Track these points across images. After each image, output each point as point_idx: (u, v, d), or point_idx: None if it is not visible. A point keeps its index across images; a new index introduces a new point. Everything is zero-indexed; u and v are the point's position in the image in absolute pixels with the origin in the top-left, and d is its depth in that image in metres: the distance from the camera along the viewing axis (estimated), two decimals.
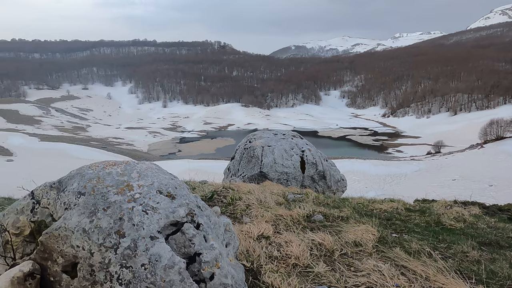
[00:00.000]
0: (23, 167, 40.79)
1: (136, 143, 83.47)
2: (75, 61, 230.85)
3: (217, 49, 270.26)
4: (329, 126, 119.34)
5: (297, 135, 10.87)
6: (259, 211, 4.15)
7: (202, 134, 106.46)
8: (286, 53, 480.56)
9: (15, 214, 2.24)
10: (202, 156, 65.94)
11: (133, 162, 2.31)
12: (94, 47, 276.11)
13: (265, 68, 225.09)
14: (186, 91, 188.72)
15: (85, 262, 1.83)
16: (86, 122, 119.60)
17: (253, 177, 9.36)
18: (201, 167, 41.26)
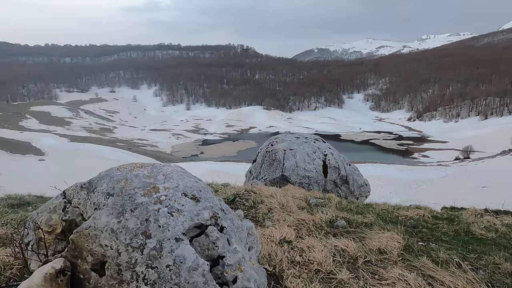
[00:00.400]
0: (54, 167, 42.57)
1: (160, 144, 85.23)
2: (103, 65, 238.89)
3: (240, 53, 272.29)
4: (352, 129, 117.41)
5: (320, 139, 10.76)
6: (281, 215, 4.14)
7: (224, 137, 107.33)
8: (309, 56, 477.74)
9: (48, 212, 2.34)
10: (224, 158, 66.46)
11: (159, 164, 2.36)
12: (122, 51, 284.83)
13: (288, 71, 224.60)
14: (209, 94, 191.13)
15: (113, 261, 1.89)
16: (112, 124, 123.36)
17: (274, 180, 9.34)
18: (223, 169, 41.57)
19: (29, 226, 2.46)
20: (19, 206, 4.98)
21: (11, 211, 4.54)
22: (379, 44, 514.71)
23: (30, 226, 2.44)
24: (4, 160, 43.99)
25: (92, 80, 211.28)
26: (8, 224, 3.86)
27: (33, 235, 2.37)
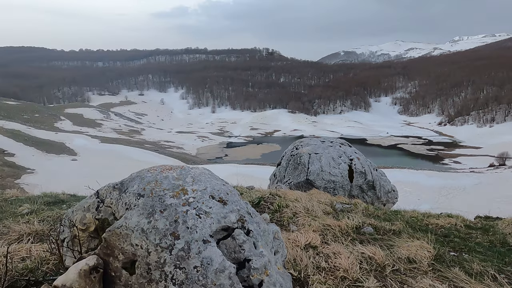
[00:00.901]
0: (85, 166, 44.35)
1: (185, 146, 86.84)
2: (133, 69, 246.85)
3: (265, 56, 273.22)
4: (379, 134, 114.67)
5: (345, 143, 10.58)
6: (306, 219, 4.10)
7: (248, 140, 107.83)
8: (335, 59, 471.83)
9: (82, 211, 2.44)
10: (248, 161, 66.75)
11: (188, 167, 2.41)
12: (150, 55, 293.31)
13: (313, 74, 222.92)
14: (234, 97, 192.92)
15: (143, 261, 1.95)
16: (141, 126, 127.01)
17: (299, 184, 9.27)
18: (247, 172, 41.77)
19: (64, 224, 2.57)
20: (54, 204, 5.22)
21: (47, 209, 4.77)
22: (408, 46, 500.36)
23: (65, 224, 2.56)
24: (40, 159, 46.31)
25: (122, 83, 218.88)
26: (45, 221, 4.06)
27: (68, 232, 2.48)
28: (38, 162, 44.75)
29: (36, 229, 3.66)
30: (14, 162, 43.10)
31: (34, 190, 20.12)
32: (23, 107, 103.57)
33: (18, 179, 37.50)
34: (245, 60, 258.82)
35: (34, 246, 3.06)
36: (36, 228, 3.68)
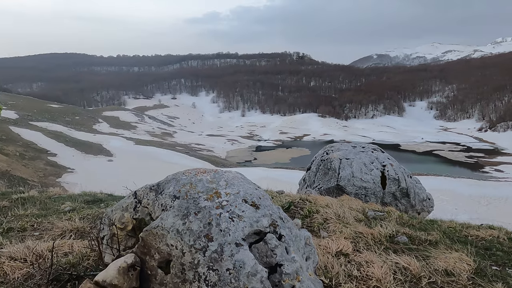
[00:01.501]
0: (120, 167, 46.15)
1: (215, 149, 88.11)
2: (166, 73, 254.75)
3: (295, 60, 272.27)
4: (413, 139, 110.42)
5: (378, 148, 10.31)
6: (337, 226, 4.04)
7: (278, 143, 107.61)
8: (367, 63, 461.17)
9: (121, 210, 2.56)
10: (277, 165, 66.55)
11: (221, 170, 2.46)
12: (183, 60, 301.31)
13: (344, 78, 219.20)
14: (264, 101, 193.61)
15: (177, 261, 2.01)
16: (173, 129, 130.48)
17: (329, 189, 9.13)
18: (276, 176, 41.63)
19: (104, 222, 2.70)
20: (93, 202, 5.48)
21: (86, 207, 5.02)
22: (445, 48, 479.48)
23: (105, 222, 2.68)
24: (79, 160, 48.75)
25: (156, 87, 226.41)
26: (85, 219, 4.28)
27: (107, 230, 2.61)
28: (77, 162, 47.15)
29: (77, 226, 3.87)
30: (56, 161, 45.68)
31: (73, 188, 21.22)
32: (65, 109, 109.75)
33: (59, 177, 39.69)
34: (275, 64, 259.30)
35: (76, 242, 3.23)
36: (77, 225, 3.89)
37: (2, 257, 2.95)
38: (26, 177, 35.75)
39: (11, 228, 3.96)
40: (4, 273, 2.75)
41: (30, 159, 44.10)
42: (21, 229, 3.93)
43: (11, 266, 2.81)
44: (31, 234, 3.79)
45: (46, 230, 3.87)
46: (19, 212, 4.64)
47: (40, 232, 3.80)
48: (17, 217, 4.48)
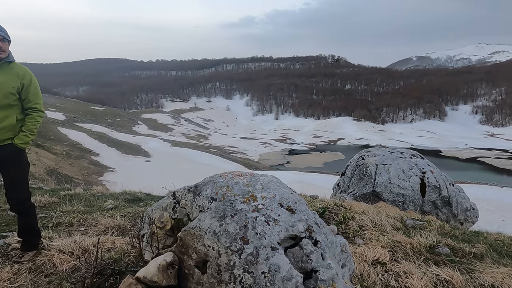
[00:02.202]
0: (157, 167, 47.78)
1: (248, 152, 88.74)
2: (202, 77, 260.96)
3: (330, 63, 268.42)
4: (455, 145, 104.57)
5: (417, 154, 9.89)
6: (373, 234, 3.93)
7: (311, 147, 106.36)
8: (406, 65, 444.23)
9: (160, 210, 2.66)
10: (310, 169, 65.73)
11: (257, 174, 2.49)
12: (219, 64, 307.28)
13: (381, 81, 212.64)
14: (298, 104, 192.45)
15: (214, 261, 2.05)
16: (207, 131, 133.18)
17: (364, 196, 8.89)
18: (309, 180, 41.14)
19: (144, 221, 2.83)
20: (133, 201, 5.73)
21: (127, 205, 5.26)
22: (493, 49, 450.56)
23: (145, 221, 2.80)
24: (119, 160, 51.10)
25: (192, 91, 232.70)
26: (125, 216, 4.49)
27: (147, 229, 2.72)
28: (117, 162, 49.46)
29: (119, 224, 4.07)
30: (98, 161, 48.20)
31: (113, 187, 22.24)
32: (107, 112, 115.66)
33: (101, 176, 41.82)
34: (309, 67, 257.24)
35: (118, 239, 3.40)
36: (119, 223, 4.09)
37: (52, 250, 3.17)
38: (71, 175, 38.03)
39: (60, 223, 4.24)
40: (54, 264, 2.96)
41: (75, 158, 46.90)
42: (68, 224, 4.20)
43: (60, 259, 3.01)
44: (77, 229, 4.04)
45: (91, 226, 4.10)
46: (67, 208, 4.96)
47: (86, 228, 4.04)
48: (65, 212, 4.79)
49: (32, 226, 3.29)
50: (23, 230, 3.26)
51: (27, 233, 3.26)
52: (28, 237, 3.26)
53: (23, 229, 3.25)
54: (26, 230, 3.25)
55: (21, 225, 3.25)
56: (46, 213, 4.87)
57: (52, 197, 5.76)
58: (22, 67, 3.12)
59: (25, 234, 3.26)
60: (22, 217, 3.23)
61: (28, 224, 3.26)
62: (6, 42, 2.95)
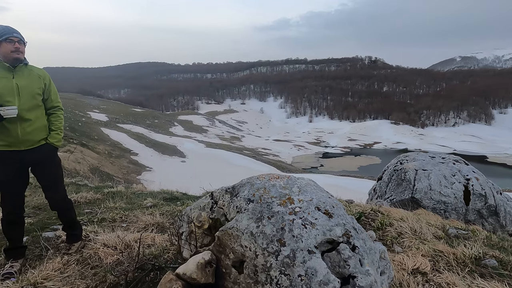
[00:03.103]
0: (192, 168, 48.95)
1: (281, 154, 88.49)
2: (236, 80, 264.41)
3: (367, 64, 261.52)
4: (504, 151, 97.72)
5: (461, 160, 9.37)
6: (413, 241, 3.78)
7: (346, 151, 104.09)
8: (449, 66, 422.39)
9: (198, 210, 2.74)
10: (344, 172, 64.34)
11: (294, 177, 2.50)
12: (253, 66, 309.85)
13: (421, 82, 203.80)
14: (332, 106, 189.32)
15: (251, 262, 2.08)
16: (241, 133, 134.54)
17: (402, 202, 8.57)
18: (343, 184, 40.25)
19: (183, 219, 2.92)
20: (170, 200, 5.93)
21: (165, 204, 5.46)
22: None
23: (184, 219, 2.90)
24: (156, 159, 52.96)
25: (226, 93, 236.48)
26: (164, 215, 4.65)
27: (186, 227, 2.81)
28: (155, 161, 51.28)
29: (158, 221, 4.23)
30: (137, 160, 50.26)
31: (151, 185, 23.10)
32: (146, 113, 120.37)
33: (139, 175, 43.56)
34: (345, 69, 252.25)
35: (157, 236, 3.54)
36: (158, 220, 4.25)
37: (98, 243, 3.37)
38: (112, 173, 39.94)
39: (104, 218, 4.48)
40: (99, 257, 3.14)
41: (116, 157, 49.24)
42: (111, 220, 4.43)
43: (105, 252, 3.19)
44: (119, 225, 4.25)
45: (132, 222, 4.30)
46: (110, 205, 5.24)
47: (127, 224, 4.24)
48: (108, 209, 5.06)
49: (74, 220, 3.51)
50: (66, 225, 3.48)
51: (70, 227, 3.48)
52: (72, 230, 3.48)
53: (66, 224, 3.47)
54: (69, 224, 3.48)
55: (64, 221, 3.46)
56: (91, 208, 5.17)
57: (96, 194, 6.10)
58: (39, 69, 3.22)
59: (69, 228, 3.48)
60: (64, 213, 3.44)
61: (70, 219, 3.48)
62: (22, 44, 3.00)
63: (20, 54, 2.96)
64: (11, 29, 2.94)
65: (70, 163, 36.20)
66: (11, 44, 2.90)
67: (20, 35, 2.98)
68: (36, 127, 3.08)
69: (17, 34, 2.95)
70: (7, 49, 2.89)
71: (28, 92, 3.02)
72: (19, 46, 2.94)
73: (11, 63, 2.95)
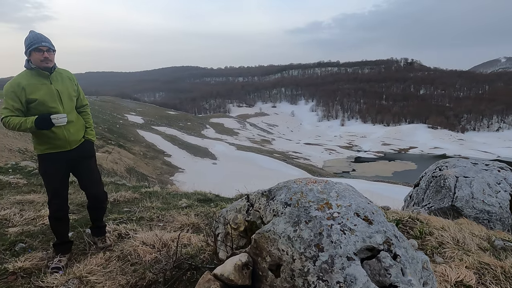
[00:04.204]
0: (223, 170, 49.59)
1: (312, 158, 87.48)
2: (268, 83, 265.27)
3: (403, 66, 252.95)
4: None
5: (506, 167, 8.80)
6: (455, 252, 3.60)
7: (379, 155, 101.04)
8: (493, 67, 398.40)
9: (234, 212, 2.77)
10: (377, 178, 62.42)
11: (331, 181, 2.46)
12: (284, 70, 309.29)
13: (462, 85, 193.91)
14: (365, 110, 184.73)
15: (288, 266, 2.08)
16: (271, 136, 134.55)
17: (441, 210, 8.17)
18: (376, 190, 39.04)
19: (219, 221, 2.96)
20: (204, 201, 6.04)
21: (199, 205, 5.57)
22: None
23: (220, 221, 2.94)
24: (188, 161, 54.17)
25: (257, 96, 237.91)
26: (198, 215, 4.75)
27: (222, 229, 2.85)
28: (187, 163, 52.49)
29: (193, 222, 4.32)
30: (170, 162, 51.68)
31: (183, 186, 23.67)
32: (179, 116, 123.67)
33: (172, 176, 44.76)
34: (379, 72, 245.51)
35: (193, 236, 3.62)
36: (193, 221, 4.34)
37: (137, 241, 3.49)
38: (146, 174, 41.35)
39: (142, 217, 4.65)
40: (138, 255, 3.25)
41: (150, 158, 50.91)
42: (149, 219, 4.59)
43: (143, 250, 3.30)
44: (156, 224, 4.39)
45: (168, 222, 4.43)
46: (147, 204, 5.42)
47: (164, 223, 4.37)
48: (145, 208, 5.24)
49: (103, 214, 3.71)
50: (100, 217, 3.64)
51: (101, 221, 3.66)
52: (102, 223, 3.67)
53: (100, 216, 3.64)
54: (100, 219, 3.66)
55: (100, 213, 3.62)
56: (130, 207, 5.38)
57: (134, 193, 6.34)
58: (66, 70, 3.29)
59: (101, 220, 3.66)
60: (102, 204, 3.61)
61: (104, 211, 3.68)
62: (51, 52, 3.05)
63: (49, 63, 3.05)
64: (40, 37, 3.00)
65: (108, 163, 37.91)
66: (40, 53, 2.98)
67: (49, 43, 3.04)
68: (78, 127, 3.28)
69: (46, 43, 3.01)
70: (37, 58, 2.99)
71: (66, 95, 3.16)
72: (48, 55, 3.02)
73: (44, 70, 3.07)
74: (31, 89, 2.96)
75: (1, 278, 2.92)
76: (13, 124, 2.91)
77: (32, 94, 2.96)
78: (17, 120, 2.91)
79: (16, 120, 2.91)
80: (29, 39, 2.99)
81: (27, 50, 2.99)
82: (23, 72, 3.05)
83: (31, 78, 3.01)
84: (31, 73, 3.03)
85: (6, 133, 34.58)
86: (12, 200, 5.54)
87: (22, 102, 2.95)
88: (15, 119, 2.92)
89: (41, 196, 5.91)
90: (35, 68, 3.02)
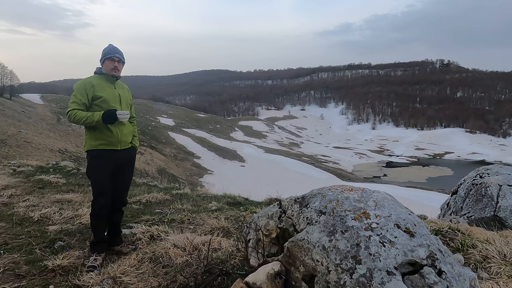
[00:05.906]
0: (251, 172, 49.76)
1: (341, 162, 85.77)
2: (297, 86, 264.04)
3: (438, 68, 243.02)
4: None
5: None
6: (502, 268, 3.33)
7: (412, 160, 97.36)
8: None
9: (266, 218, 2.72)
10: (410, 184, 60.10)
11: (369, 190, 2.35)
12: (314, 72, 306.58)
13: (503, 87, 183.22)
14: (398, 113, 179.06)
15: (322, 277, 1.99)
16: (300, 139, 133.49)
17: (482, 220, 7.67)
18: (409, 196, 37.58)
19: (250, 226, 2.92)
20: (233, 204, 6.03)
21: (229, 208, 5.56)
22: None
23: (251, 227, 2.90)
24: (217, 163, 54.82)
25: (286, 99, 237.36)
26: (228, 219, 4.74)
27: (253, 235, 2.80)
28: (216, 165, 53.15)
29: (223, 225, 4.31)
30: (200, 163, 52.56)
31: (211, 188, 23.96)
32: (209, 118, 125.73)
33: (201, 177, 45.48)
34: (413, 74, 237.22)
35: (223, 241, 3.60)
36: (223, 224, 4.33)
37: (168, 243, 3.52)
38: (176, 175, 42.28)
39: (173, 219, 4.71)
40: (169, 257, 3.28)
41: (180, 160, 52.02)
42: (180, 221, 4.64)
43: (175, 253, 3.32)
44: (187, 226, 4.42)
45: (199, 225, 4.45)
46: (178, 206, 5.49)
47: (194, 226, 4.40)
48: (176, 210, 5.31)
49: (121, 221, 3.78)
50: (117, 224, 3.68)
51: (118, 228, 3.71)
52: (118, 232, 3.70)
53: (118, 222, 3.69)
54: (118, 225, 3.71)
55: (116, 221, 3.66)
56: (161, 209, 5.47)
57: (165, 195, 6.45)
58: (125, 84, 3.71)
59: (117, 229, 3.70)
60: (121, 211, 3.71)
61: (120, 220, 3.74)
62: (121, 64, 3.48)
63: (117, 72, 3.47)
64: (115, 50, 3.45)
65: (140, 164, 39.13)
66: (112, 62, 3.41)
67: (121, 55, 3.47)
68: (129, 131, 3.57)
69: (119, 55, 3.44)
70: (108, 66, 3.41)
71: (125, 101, 3.56)
72: (117, 65, 3.44)
73: None
74: (99, 88, 3.34)
75: (41, 275, 3.03)
76: (80, 117, 3.20)
77: (100, 92, 3.32)
78: (84, 114, 3.22)
79: (83, 114, 3.22)
80: (106, 49, 3.44)
81: (103, 58, 3.43)
82: (93, 75, 3.46)
83: (100, 80, 3.41)
84: (100, 77, 3.43)
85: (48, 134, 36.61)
86: (52, 199, 5.80)
87: (89, 98, 3.29)
88: (81, 113, 3.23)
89: (79, 196, 6.15)
90: (105, 73, 3.43)
